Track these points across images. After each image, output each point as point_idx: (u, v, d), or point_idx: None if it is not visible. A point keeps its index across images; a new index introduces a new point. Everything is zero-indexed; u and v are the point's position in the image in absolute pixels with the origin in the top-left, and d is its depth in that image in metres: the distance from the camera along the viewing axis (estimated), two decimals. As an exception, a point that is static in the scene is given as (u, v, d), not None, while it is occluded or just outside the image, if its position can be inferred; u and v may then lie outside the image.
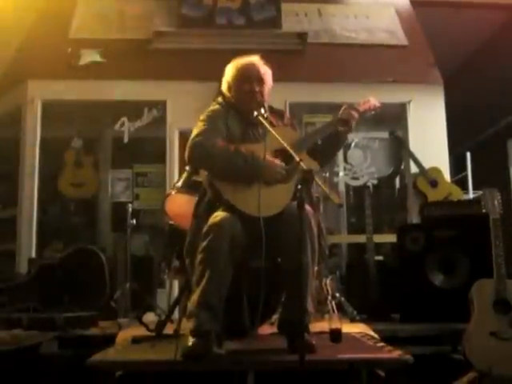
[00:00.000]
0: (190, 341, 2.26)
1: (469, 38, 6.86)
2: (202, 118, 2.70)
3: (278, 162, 2.56)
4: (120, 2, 5.80)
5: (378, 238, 4.47)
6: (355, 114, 2.76)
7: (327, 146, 2.83)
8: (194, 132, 2.62)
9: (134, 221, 4.49)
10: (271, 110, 2.84)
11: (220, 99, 2.83)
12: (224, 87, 2.84)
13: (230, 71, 2.82)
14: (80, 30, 5.62)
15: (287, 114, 3.02)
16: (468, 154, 5.63)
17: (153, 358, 2.33)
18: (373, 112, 2.87)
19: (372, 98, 2.87)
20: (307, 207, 2.38)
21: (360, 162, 5.61)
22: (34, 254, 5.05)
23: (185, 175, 3.42)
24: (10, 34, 5.45)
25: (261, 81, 2.75)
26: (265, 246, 2.32)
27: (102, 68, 5.40)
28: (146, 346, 2.65)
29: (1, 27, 5.23)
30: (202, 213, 2.62)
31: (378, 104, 2.87)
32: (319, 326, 2.89)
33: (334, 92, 5.37)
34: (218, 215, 2.44)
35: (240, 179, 2.51)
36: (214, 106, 2.79)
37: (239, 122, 2.72)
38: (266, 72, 2.78)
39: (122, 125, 5.47)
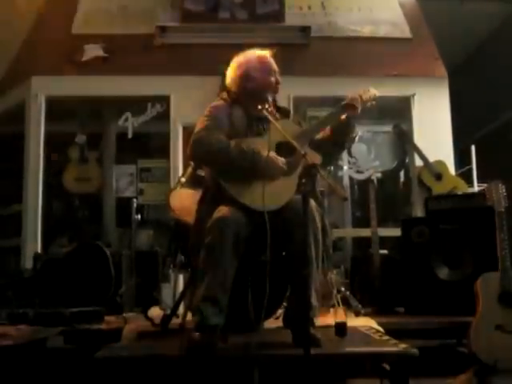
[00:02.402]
0: (196, 335, 2.26)
1: (472, 31, 6.83)
2: (205, 113, 2.70)
3: (279, 157, 2.55)
4: (123, -3, 5.80)
5: (383, 232, 4.46)
6: (359, 100, 2.76)
7: (338, 137, 2.81)
8: (197, 128, 2.62)
9: (139, 216, 4.50)
10: (277, 107, 2.85)
11: (224, 94, 2.82)
12: (231, 80, 2.82)
13: (247, 63, 2.79)
14: (83, 26, 5.62)
15: (292, 112, 3.01)
16: (473, 147, 5.61)
17: (158, 352, 2.34)
18: (373, 102, 2.86)
19: (371, 88, 2.87)
20: (311, 201, 2.38)
21: (364, 156, 5.60)
22: (39, 250, 5.06)
23: (189, 170, 3.43)
24: (13, 31, 5.46)
25: (277, 73, 2.81)
26: (269, 240, 2.32)
27: (105, 63, 5.41)
28: (152, 341, 2.66)
29: (4, 24, 5.24)
30: (206, 207, 2.62)
31: (377, 94, 2.86)
32: (324, 319, 2.90)
33: (337, 86, 5.33)
34: (222, 209, 2.44)
35: (241, 175, 2.51)
36: (218, 101, 2.79)
37: (243, 116, 2.72)
38: None
39: (126, 120, 5.48)
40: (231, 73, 2.83)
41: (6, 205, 5.62)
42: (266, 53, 2.83)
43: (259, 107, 2.57)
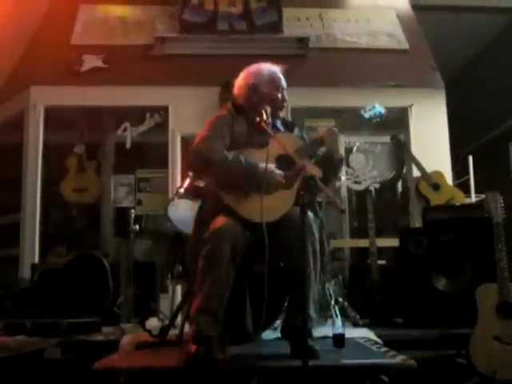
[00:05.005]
0: (193, 347, 2.26)
1: (469, 42, 6.88)
2: (207, 123, 2.71)
3: (277, 170, 2.56)
4: (122, 8, 5.82)
5: (381, 242, 4.46)
6: (331, 137, 2.76)
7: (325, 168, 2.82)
8: (197, 138, 2.63)
9: (137, 226, 4.50)
10: (282, 121, 2.87)
11: (229, 105, 2.83)
12: (239, 88, 2.83)
13: (257, 75, 2.81)
14: (82, 36, 5.63)
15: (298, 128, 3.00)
16: (470, 158, 5.62)
17: (156, 363, 2.34)
18: (378, 119, 2.88)
19: (377, 105, 2.89)
20: (309, 212, 2.38)
21: (362, 167, 5.60)
22: (37, 260, 5.05)
23: (187, 181, 3.43)
24: (12, 41, 5.47)
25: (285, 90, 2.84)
26: (267, 252, 2.32)
27: (104, 74, 5.42)
28: (150, 352, 2.65)
29: (3, 34, 5.26)
30: (203, 218, 2.63)
31: (383, 111, 2.88)
32: (322, 331, 2.90)
33: (335, 96, 5.37)
34: (220, 220, 2.44)
35: (239, 187, 2.52)
36: (222, 112, 2.80)
37: (245, 128, 2.72)
38: None
39: (125, 130, 5.48)
40: (240, 82, 2.84)
41: (3, 214, 5.61)
42: (277, 68, 2.84)
43: (257, 119, 2.58)
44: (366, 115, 2.82)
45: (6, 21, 5.37)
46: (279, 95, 2.80)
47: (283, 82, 2.83)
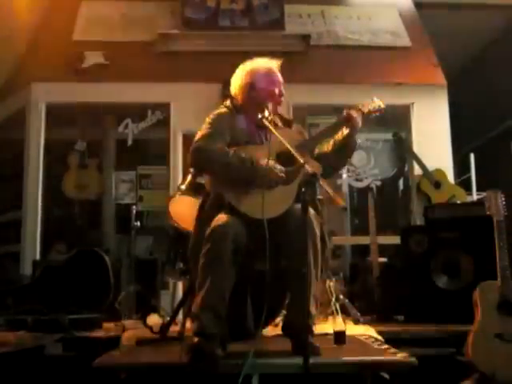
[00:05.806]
0: (195, 343, 2.26)
1: (472, 39, 6.85)
2: (207, 120, 2.71)
3: (278, 165, 2.56)
4: (123, 4, 5.82)
5: (382, 240, 4.46)
6: (357, 115, 2.77)
7: (337, 153, 2.83)
8: (197, 136, 2.63)
9: (138, 223, 4.50)
10: (280, 117, 2.87)
11: (228, 102, 2.83)
12: (236, 87, 2.84)
13: (254, 72, 2.81)
14: (84, 33, 5.64)
15: (296, 124, 3.00)
16: (472, 156, 5.62)
17: (157, 360, 2.34)
18: (377, 113, 2.87)
19: (376, 99, 2.88)
20: (310, 209, 2.38)
21: (363, 164, 5.61)
22: (38, 256, 5.06)
23: (189, 177, 3.43)
24: (13, 37, 5.47)
25: (282, 85, 2.84)
26: (268, 249, 2.32)
27: (105, 70, 5.42)
28: (151, 348, 2.66)
29: (4, 30, 5.25)
30: (205, 215, 2.63)
31: (382, 105, 2.88)
32: (323, 328, 2.90)
33: (337, 94, 5.37)
34: (221, 218, 2.44)
35: (240, 183, 2.52)
36: (221, 109, 2.80)
37: (245, 124, 2.73)
38: None
39: (126, 127, 5.48)
40: (237, 80, 2.84)
41: (4, 211, 5.62)
42: (272, 63, 2.85)
43: (259, 116, 2.58)
44: (364, 110, 2.82)
45: (7, 17, 5.36)
46: (276, 90, 2.80)
47: (279, 77, 2.83)
